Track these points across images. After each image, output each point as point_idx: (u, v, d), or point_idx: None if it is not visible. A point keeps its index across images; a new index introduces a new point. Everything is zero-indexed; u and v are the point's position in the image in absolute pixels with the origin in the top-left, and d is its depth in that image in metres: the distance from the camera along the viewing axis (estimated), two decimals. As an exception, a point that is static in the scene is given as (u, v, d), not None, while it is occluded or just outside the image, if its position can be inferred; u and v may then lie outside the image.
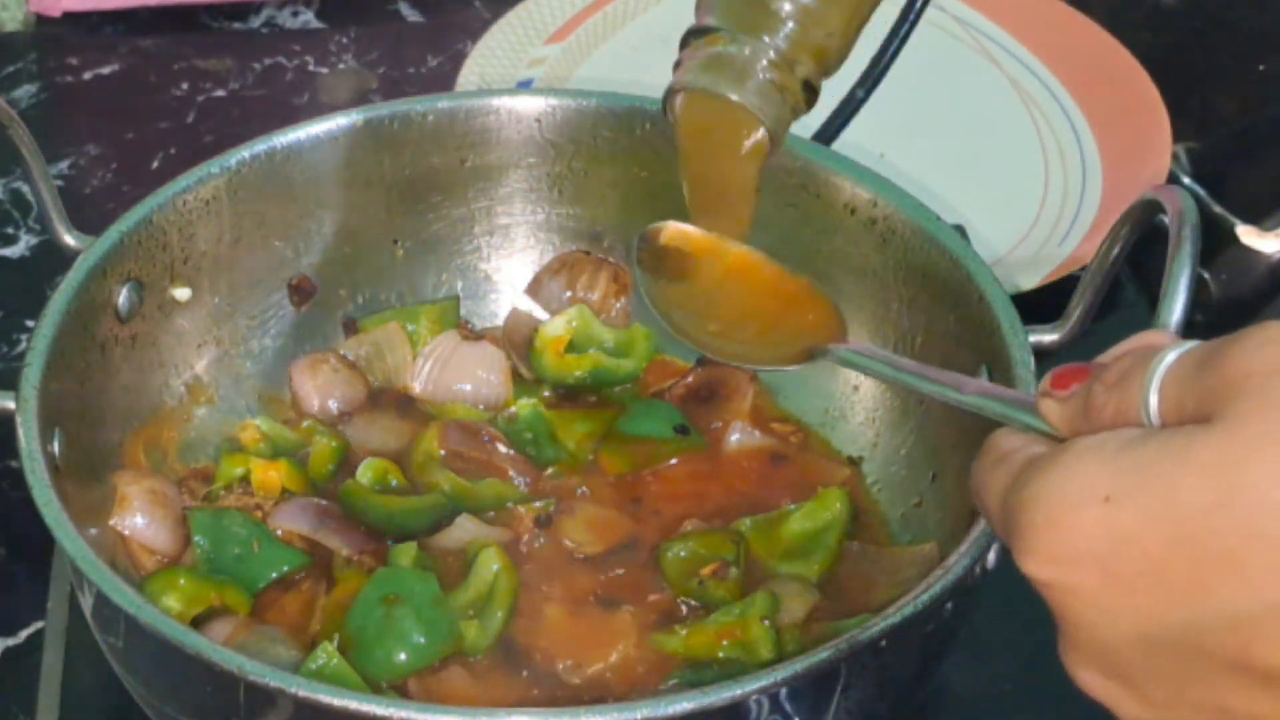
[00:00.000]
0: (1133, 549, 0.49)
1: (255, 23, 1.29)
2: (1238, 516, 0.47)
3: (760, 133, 0.74)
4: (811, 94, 0.74)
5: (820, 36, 0.73)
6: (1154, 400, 0.51)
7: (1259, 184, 1.15)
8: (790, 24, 0.72)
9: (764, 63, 0.73)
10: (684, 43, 0.75)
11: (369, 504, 0.86)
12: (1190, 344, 0.51)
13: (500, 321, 0.98)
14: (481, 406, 0.93)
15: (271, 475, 0.87)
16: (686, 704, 0.66)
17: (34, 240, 1.11)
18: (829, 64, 0.74)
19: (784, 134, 0.75)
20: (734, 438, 0.91)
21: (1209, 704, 0.50)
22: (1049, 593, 0.51)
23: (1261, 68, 1.25)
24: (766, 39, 0.72)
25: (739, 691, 0.67)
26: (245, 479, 0.87)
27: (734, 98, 0.73)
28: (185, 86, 1.23)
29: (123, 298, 0.86)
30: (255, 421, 0.91)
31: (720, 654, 0.79)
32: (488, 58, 1.18)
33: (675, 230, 0.79)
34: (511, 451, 0.89)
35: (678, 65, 0.75)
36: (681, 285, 0.79)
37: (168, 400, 0.89)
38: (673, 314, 0.78)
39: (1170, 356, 0.51)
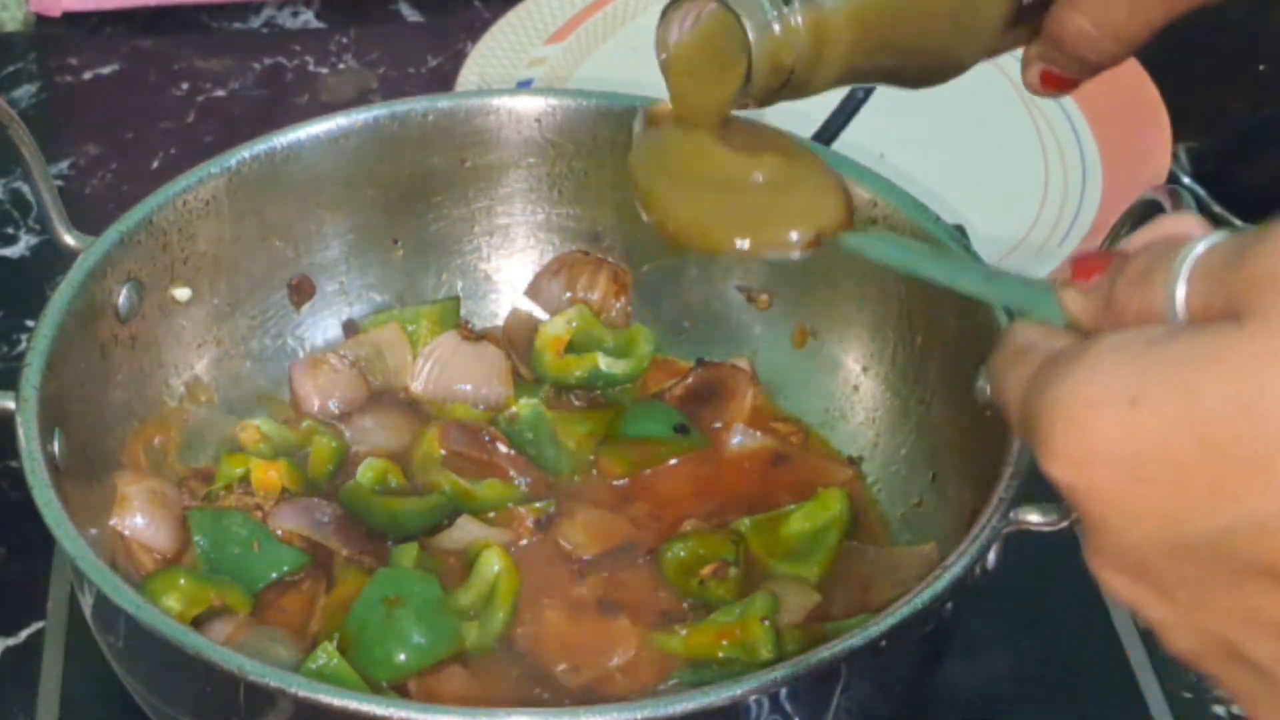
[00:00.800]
0: (1157, 453, 0.48)
1: (255, 23, 1.29)
2: (1267, 420, 0.46)
3: (744, 64, 0.70)
4: (789, 83, 0.72)
5: (830, 33, 0.70)
6: (1180, 297, 0.49)
7: (1259, 184, 1.15)
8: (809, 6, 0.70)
9: (778, 12, 0.70)
10: None
11: (370, 505, 0.86)
12: (1218, 235, 0.50)
13: (500, 322, 0.98)
14: (482, 407, 0.93)
15: (271, 475, 0.87)
16: (686, 704, 0.66)
17: (34, 240, 1.11)
18: (823, 58, 0.71)
19: (760, 84, 0.70)
20: (735, 439, 0.91)
21: (1236, 607, 0.49)
22: (1073, 495, 0.50)
23: (1262, 68, 1.25)
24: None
25: (739, 691, 0.67)
26: (245, 479, 0.87)
27: (744, 20, 0.69)
28: (185, 86, 1.23)
29: (123, 298, 0.86)
30: (255, 422, 0.91)
31: (720, 654, 0.79)
32: (488, 58, 1.18)
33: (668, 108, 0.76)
34: (512, 452, 0.89)
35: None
36: (679, 161, 0.75)
37: (168, 400, 0.89)
38: (667, 202, 0.73)
39: (1198, 250, 0.49)
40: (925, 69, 0.76)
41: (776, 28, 0.69)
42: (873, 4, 0.71)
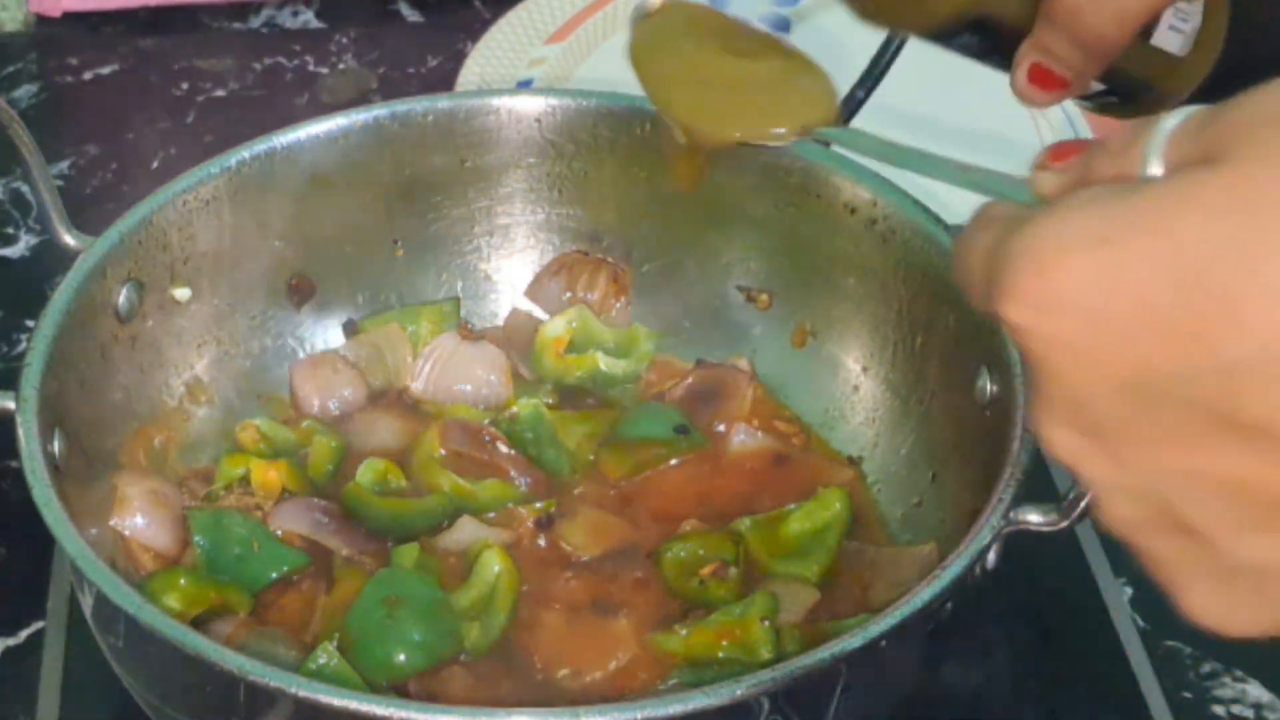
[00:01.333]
0: (1128, 292, 0.46)
1: (255, 23, 1.29)
2: (1245, 260, 0.45)
3: None
4: None
5: None
6: (1157, 160, 0.49)
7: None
8: None
9: None
10: None
11: (370, 507, 0.86)
12: (1192, 108, 0.49)
13: (500, 322, 0.98)
14: (482, 407, 0.93)
15: (271, 475, 0.87)
16: (686, 704, 0.66)
17: (34, 240, 1.11)
18: None
19: None
20: (736, 439, 0.91)
21: (1186, 463, 0.47)
22: (1029, 340, 0.48)
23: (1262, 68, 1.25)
24: None
25: (739, 691, 0.67)
26: (245, 479, 0.87)
27: None
28: (185, 86, 1.23)
29: (123, 298, 0.86)
30: (255, 422, 0.91)
31: (720, 654, 0.79)
32: (488, 58, 1.18)
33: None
34: (512, 452, 0.89)
35: None
36: (673, 46, 0.77)
37: (168, 400, 0.89)
38: (663, 83, 0.77)
39: (1174, 120, 0.49)
40: (908, 5, 0.75)
41: None
42: None
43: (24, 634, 0.89)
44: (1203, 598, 0.49)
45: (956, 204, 1.08)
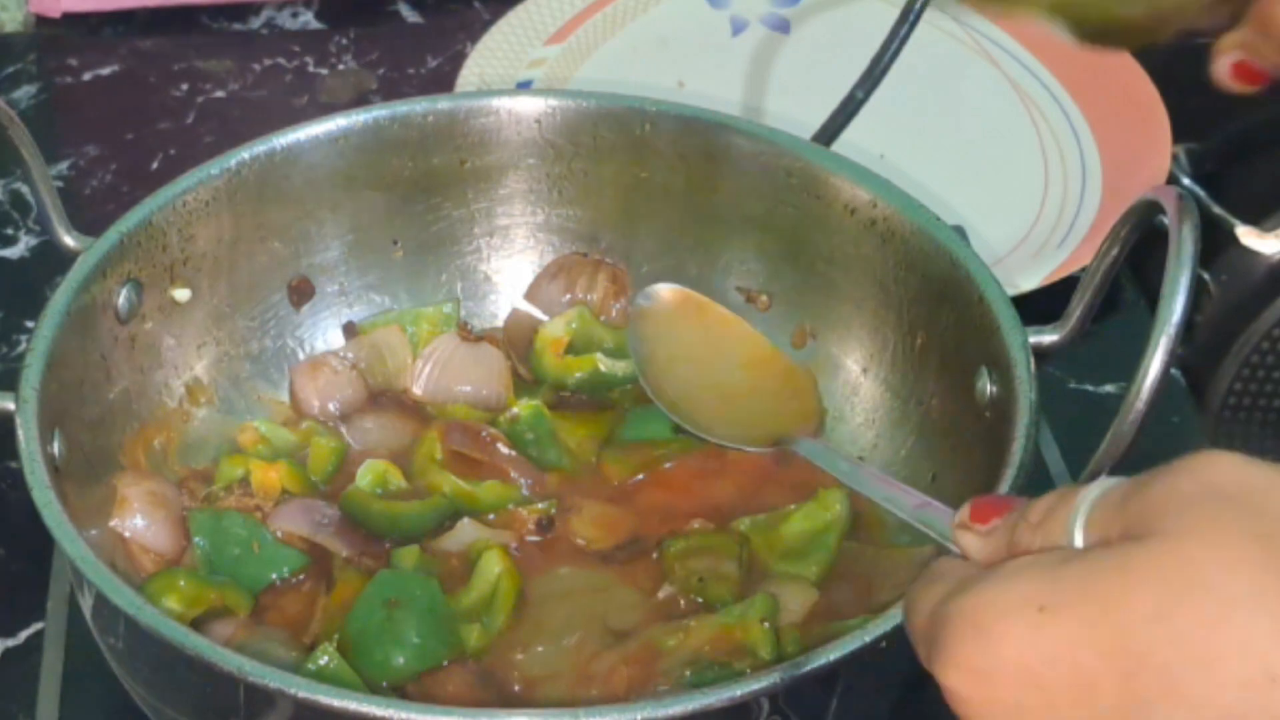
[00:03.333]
0: (1065, 660, 0.47)
1: (255, 23, 1.29)
2: (1176, 631, 0.46)
3: None
4: None
5: None
6: (1078, 533, 0.50)
7: (1259, 184, 1.15)
8: None
9: None
10: None
11: (371, 509, 0.86)
12: (1112, 480, 0.51)
13: (500, 323, 0.98)
14: (482, 408, 0.93)
15: (271, 476, 0.87)
16: (686, 704, 0.66)
17: (34, 241, 1.11)
18: None
19: None
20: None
21: None
22: (968, 708, 0.49)
23: (1262, 68, 1.25)
24: None
25: (739, 691, 0.67)
26: (245, 480, 0.87)
27: None
28: (185, 87, 1.23)
29: (122, 298, 0.86)
30: (254, 423, 0.91)
31: (720, 654, 0.79)
32: (488, 58, 1.18)
33: (678, 292, 0.82)
34: (513, 452, 0.89)
35: None
36: (676, 348, 0.80)
37: (167, 401, 0.89)
38: (659, 377, 0.82)
39: (1095, 491, 0.50)
40: (1128, 27, 0.76)
41: None
42: None
43: (24, 634, 0.89)
44: None
45: (957, 204, 1.08)
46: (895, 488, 0.65)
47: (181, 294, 0.89)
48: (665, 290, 0.81)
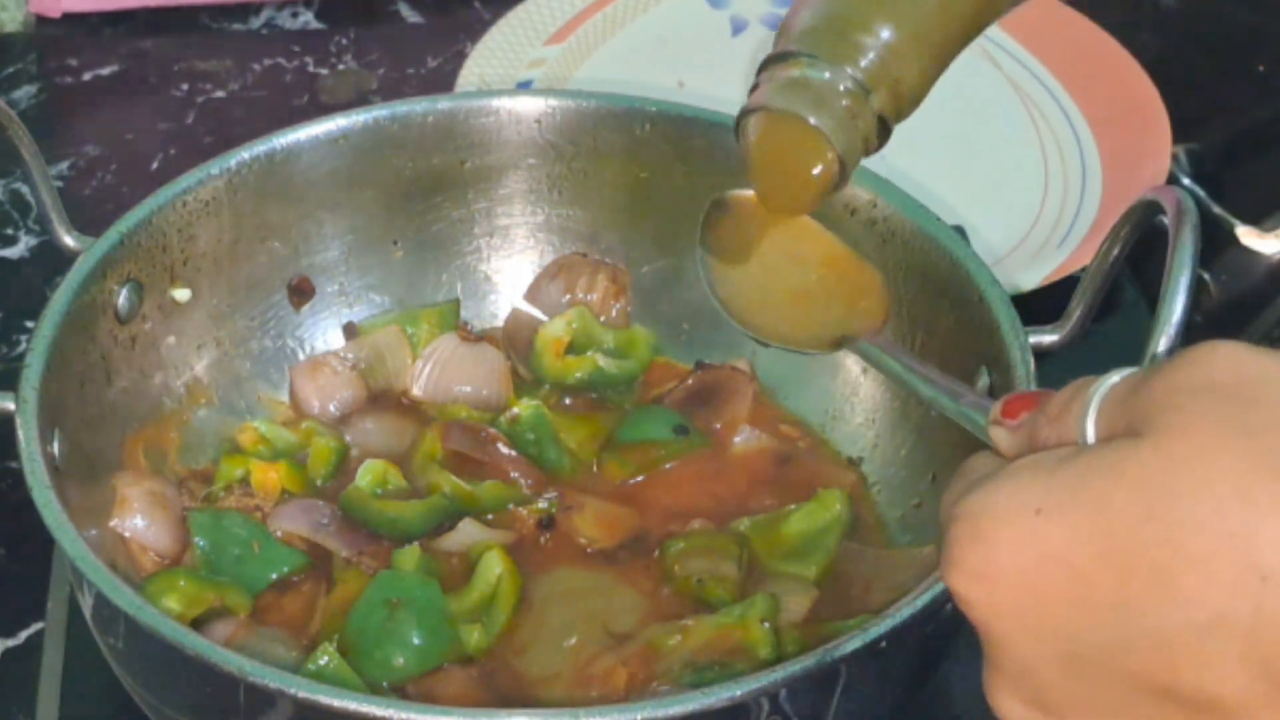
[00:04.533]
0: (1059, 563, 0.48)
1: (255, 24, 1.29)
2: (1167, 531, 0.46)
3: (831, 157, 0.74)
4: (885, 131, 0.74)
5: (900, 72, 0.73)
6: (1090, 426, 0.51)
7: (1259, 184, 1.16)
8: (872, 55, 0.72)
9: (842, 88, 0.73)
10: (762, 68, 0.75)
11: (371, 509, 0.86)
12: (1128, 370, 0.51)
13: (500, 323, 0.98)
14: (482, 409, 0.93)
15: (271, 476, 0.87)
16: (686, 704, 0.66)
17: (34, 241, 1.11)
18: (905, 101, 0.74)
19: (854, 164, 0.74)
20: (739, 439, 0.92)
21: None
22: (972, 610, 0.50)
23: (1261, 68, 1.25)
24: (848, 69, 0.72)
25: (739, 691, 0.67)
26: (245, 480, 0.87)
27: (811, 120, 0.73)
28: (185, 87, 1.23)
29: (122, 298, 0.86)
30: (255, 423, 0.91)
31: (720, 654, 0.79)
32: (488, 58, 1.18)
33: (747, 196, 0.79)
34: (513, 452, 0.89)
35: (754, 89, 0.75)
36: (743, 248, 0.79)
37: (167, 401, 0.89)
38: (725, 282, 0.79)
39: (1107, 383, 0.51)
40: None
41: (858, 124, 0.73)
42: (924, 16, 0.73)
43: (24, 634, 0.89)
44: None
45: (957, 204, 1.08)
46: (942, 387, 0.66)
47: (181, 294, 0.89)
48: (735, 195, 0.80)
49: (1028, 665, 0.50)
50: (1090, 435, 0.51)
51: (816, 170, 0.74)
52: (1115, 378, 0.51)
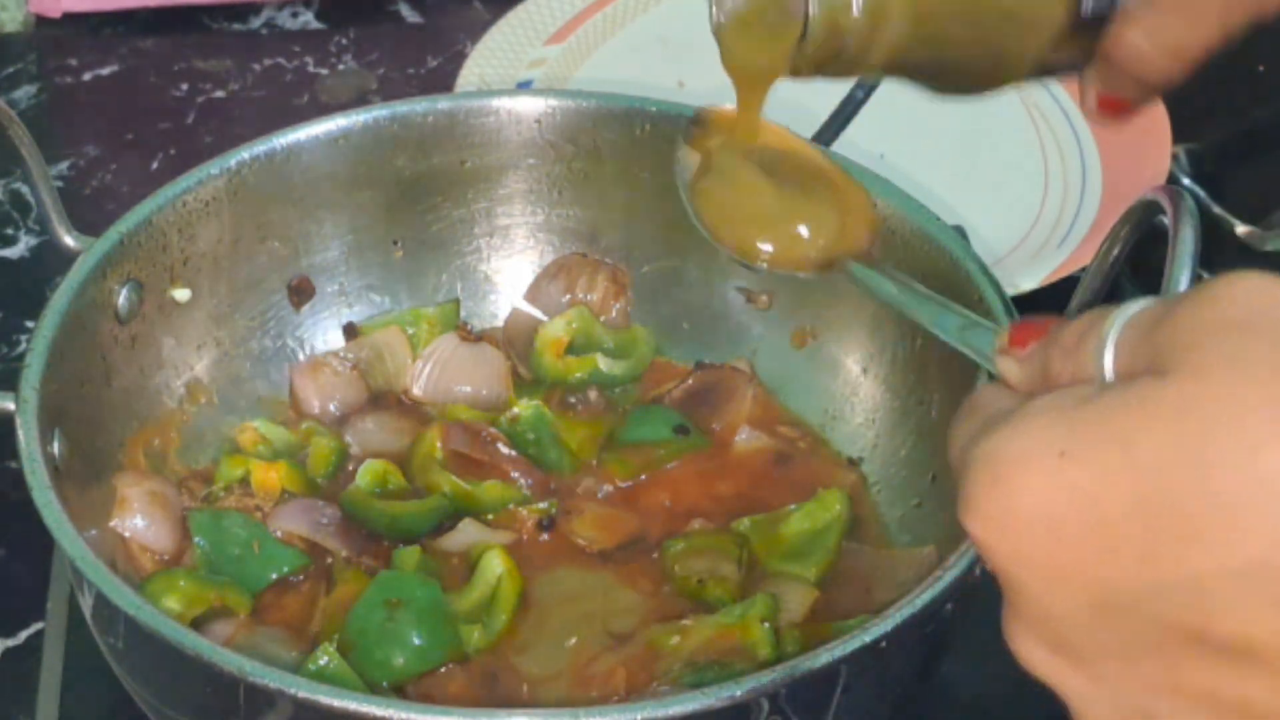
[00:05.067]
0: (1086, 508, 0.46)
1: (255, 23, 1.29)
2: (1199, 474, 0.44)
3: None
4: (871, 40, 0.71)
5: None
6: (1109, 360, 0.49)
7: (1259, 184, 1.15)
8: None
9: None
10: None
11: (371, 510, 0.86)
12: (1146, 300, 0.49)
13: (500, 323, 0.98)
14: (482, 408, 0.93)
15: (271, 476, 0.87)
16: (686, 704, 0.66)
17: (34, 241, 1.11)
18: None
19: (827, 26, 0.71)
20: (739, 439, 0.92)
21: (1164, 681, 0.47)
22: (993, 557, 0.48)
23: (1261, 68, 1.25)
24: None
25: (739, 691, 0.67)
26: (245, 480, 0.87)
27: None
28: (185, 87, 1.23)
29: (122, 298, 0.86)
30: (254, 423, 0.91)
31: (720, 654, 0.79)
32: (488, 58, 1.18)
33: (725, 111, 0.77)
34: (513, 452, 0.89)
35: None
36: (725, 166, 0.77)
37: (167, 401, 0.89)
38: (708, 204, 0.77)
39: (1125, 315, 0.49)
40: (972, 70, 0.75)
41: None
42: None
43: (24, 634, 0.89)
44: None
45: (957, 205, 1.08)
46: (942, 309, 0.64)
47: (181, 294, 0.89)
48: (711, 111, 0.78)
49: (1052, 612, 0.48)
50: (1109, 370, 0.49)
51: (786, 31, 0.71)
52: (1133, 308, 0.49)
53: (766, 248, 0.76)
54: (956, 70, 0.76)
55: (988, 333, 0.57)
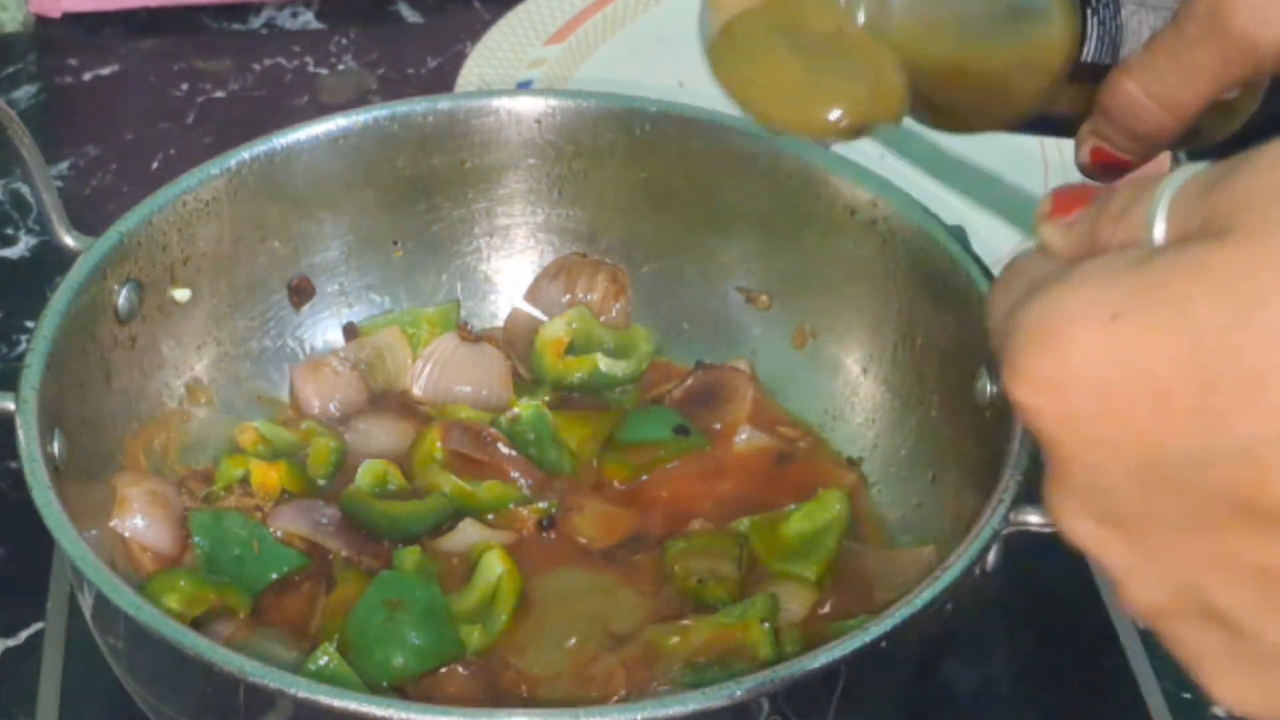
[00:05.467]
0: (1139, 371, 0.45)
1: (255, 23, 1.29)
2: (1256, 337, 0.43)
3: None
4: None
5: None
6: (1160, 226, 0.47)
7: (1259, 184, 1.15)
8: None
9: None
10: None
11: (371, 510, 0.86)
12: (1197, 166, 0.47)
13: (500, 323, 0.98)
14: (482, 408, 0.93)
15: (271, 476, 0.87)
16: (686, 704, 0.66)
17: (34, 241, 1.11)
18: None
19: None
20: (739, 439, 0.91)
21: (1210, 551, 0.46)
22: (1039, 422, 0.47)
23: (1261, 68, 1.25)
24: None
25: (739, 691, 0.67)
26: (245, 480, 0.87)
27: None
28: (185, 87, 1.23)
29: (122, 298, 0.86)
30: (254, 423, 0.91)
31: (720, 654, 0.79)
32: (488, 58, 1.18)
33: None
34: (513, 452, 0.89)
35: None
36: (749, 26, 0.75)
37: (167, 401, 0.89)
38: (732, 67, 0.76)
39: (1178, 180, 0.47)
40: (969, 115, 0.75)
41: None
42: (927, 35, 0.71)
43: (24, 634, 0.89)
44: (1232, 684, 0.47)
45: (957, 204, 1.08)
46: (977, 177, 0.63)
47: (181, 294, 0.89)
48: None
49: (1099, 479, 0.46)
50: (1160, 235, 0.47)
51: None
52: (1185, 174, 0.47)
53: (795, 117, 0.74)
54: (951, 115, 0.76)
55: (1026, 201, 0.55)
